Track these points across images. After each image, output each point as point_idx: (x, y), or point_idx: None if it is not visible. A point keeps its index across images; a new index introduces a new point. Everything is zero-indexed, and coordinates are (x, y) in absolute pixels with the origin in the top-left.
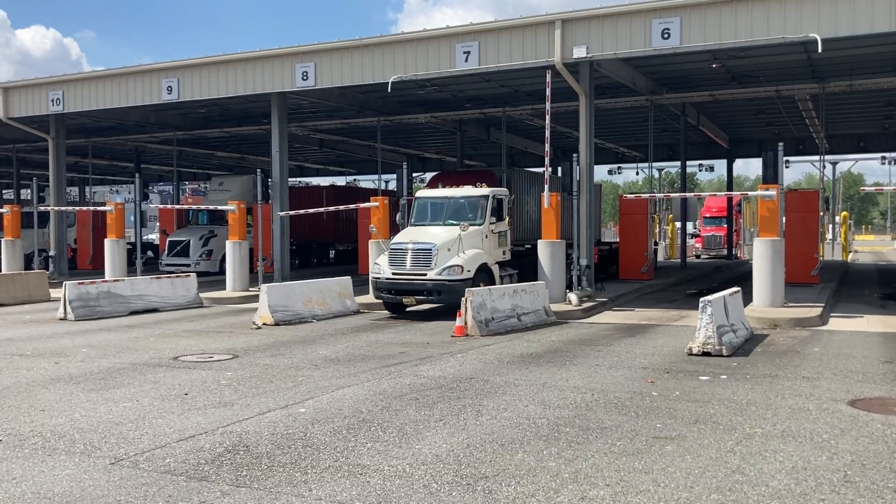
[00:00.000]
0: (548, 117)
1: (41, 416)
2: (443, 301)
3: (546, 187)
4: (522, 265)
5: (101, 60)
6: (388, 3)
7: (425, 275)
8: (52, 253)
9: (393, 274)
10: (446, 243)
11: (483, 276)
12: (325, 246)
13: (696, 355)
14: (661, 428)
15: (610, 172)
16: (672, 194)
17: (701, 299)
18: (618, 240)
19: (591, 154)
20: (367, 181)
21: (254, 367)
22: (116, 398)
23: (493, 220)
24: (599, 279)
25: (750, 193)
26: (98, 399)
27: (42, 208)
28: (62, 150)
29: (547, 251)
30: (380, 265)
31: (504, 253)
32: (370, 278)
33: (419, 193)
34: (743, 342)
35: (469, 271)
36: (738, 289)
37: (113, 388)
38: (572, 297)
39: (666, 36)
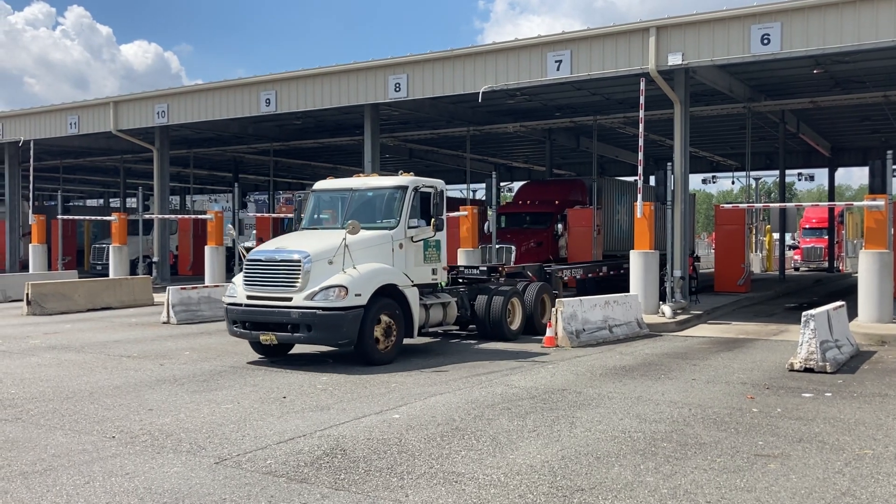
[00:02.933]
0: (641, 126)
1: (149, 415)
2: (315, 340)
3: (639, 197)
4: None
5: (199, 73)
6: (475, 13)
7: (290, 299)
8: (155, 259)
9: (249, 298)
10: (325, 253)
11: (387, 304)
12: None
13: (797, 371)
14: (763, 445)
15: (704, 182)
16: (771, 204)
17: (803, 313)
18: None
19: (685, 163)
20: (454, 191)
21: (348, 372)
22: (219, 400)
23: (415, 223)
24: (693, 291)
25: (856, 204)
26: (201, 400)
27: (147, 216)
28: (166, 161)
29: (639, 262)
30: (235, 285)
31: (434, 273)
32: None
33: (317, 185)
34: (848, 359)
35: (359, 296)
36: (843, 303)
37: (215, 389)
38: (666, 309)
39: (766, 42)
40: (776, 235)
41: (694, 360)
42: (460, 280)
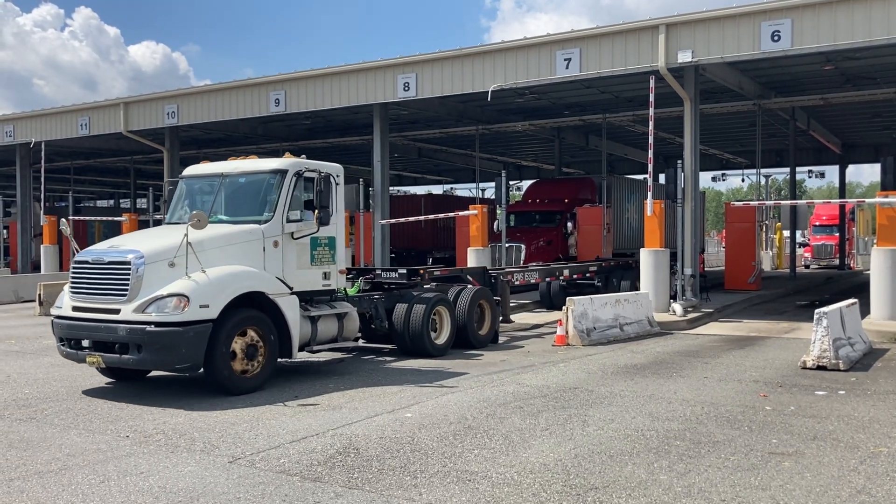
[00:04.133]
0: (651, 123)
1: (162, 414)
2: (148, 363)
3: (649, 195)
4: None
5: (207, 74)
6: (481, 11)
7: (117, 311)
8: None
9: (74, 309)
10: (165, 253)
11: (251, 317)
12: (422, 254)
13: (810, 369)
14: (777, 444)
15: (714, 179)
16: (782, 202)
17: (816, 311)
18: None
19: (696, 160)
20: (463, 189)
21: (359, 372)
22: (232, 399)
23: (297, 216)
24: (704, 289)
25: (867, 200)
26: (215, 399)
27: (157, 217)
28: (176, 161)
29: (650, 260)
30: (63, 293)
31: (325, 277)
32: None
33: (186, 170)
34: (861, 356)
35: (205, 307)
36: (856, 300)
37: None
38: (676, 307)
39: (776, 38)
40: (786, 233)
41: (705, 359)
42: (383, 286)
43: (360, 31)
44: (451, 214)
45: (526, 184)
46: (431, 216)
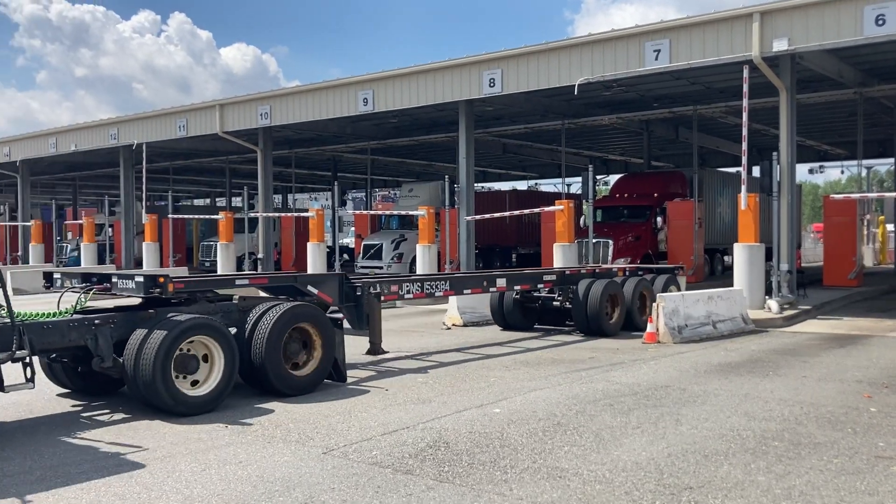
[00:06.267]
0: (744, 115)
1: (258, 406)
2: None
3: (743, 188)
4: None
5: (296, 74)
6: (565, 4)
7: None
8: (260, 255)
9: None
10: None
11: None
12: (507, 250)
13: None
14: (885, 447)
15: (811, 171)
16: (885, 194)
17: None
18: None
19: (792, 152)
20: (547, 185)
21: (447, 367)
22: (323, 390)
23: None
24: (801, 285)
25: None
26: (311, 394)
27: (251, 214)
28: (269, 161)
29: (744, 255)
30: None
31: None
32: None
33: None
34: None
35: None
36: None
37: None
38: (772, 304)
39: (880, 22)
40: (890, 227)
41: (804, 357)
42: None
43: (443, 29)
44: (536, 210)
45: (613, 178)
46: (516, 212)
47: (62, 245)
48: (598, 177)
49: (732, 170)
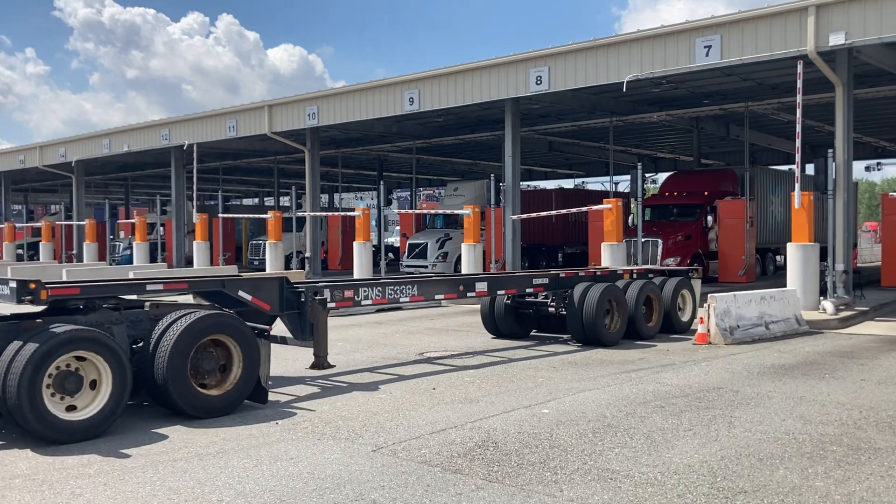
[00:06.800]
0: (798, 111)
1: (308, 403)
2: None
3: (797, 186)
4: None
5: (341, 74)
6: (612, 1)
7: None
8: (307, 254)
9: None
10: None
11: None
12: (553, 249)
13: None
14: None
15: (867, 169)
16: None
17: None
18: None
19: (848, 149)
20: (594, 183)
21: (494, 366)
22: (371, 390)
23: None
24: (858, 286)
25: None
26: (357, 391)
27: (299, 214)
28: (316, 161)
29: (798, 255)
30: None
31: None
32: None
33: None
34: None
35: None
36: None
37: (371, 381)
38: (827, 305)
39: None
40: None
41: (861, 360)
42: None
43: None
44: (583, 209)
45: (662, 176)
46: (563, 211)
47: (115, 244)
48: (646, 175)
49: (785, 167)
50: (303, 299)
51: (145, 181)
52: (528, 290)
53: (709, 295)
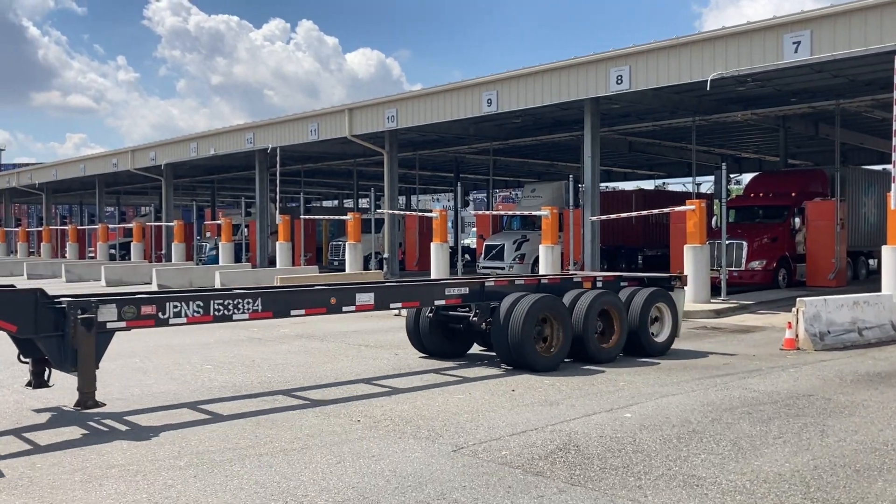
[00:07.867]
0: (895, 108)
1: (388, 401)
2: None
3: (893, 186)
4: None
5: (418, 77)
6: None
7: None
8: (385, 255)
9: None
10: None
11: None
12: (632, 251)
13: None
14: None
15: None
16: None
17: None
18: None
19: None
20: (675, 184)
21: (572, 369)
22: (451, 390)
23: None
24: None
25: None
26: (435, 390)
27: (378, 215)
28: (395, 163)
29: (893, 258)
30: None
31: None
32: None
33: None
34: None
35: None
36: None
37: (444, 384)
38: None
39: None
40: None
41: None
42: None
43: (563, 28)
44: (665, 210)
45: (746, 177)
46: (644, 212)
47: (202, 244)
48: (730, 175)
49: (879, 167)
50: (62, 315)
51: (230, 183)
52: (438, 303)
53: (797, 299)
